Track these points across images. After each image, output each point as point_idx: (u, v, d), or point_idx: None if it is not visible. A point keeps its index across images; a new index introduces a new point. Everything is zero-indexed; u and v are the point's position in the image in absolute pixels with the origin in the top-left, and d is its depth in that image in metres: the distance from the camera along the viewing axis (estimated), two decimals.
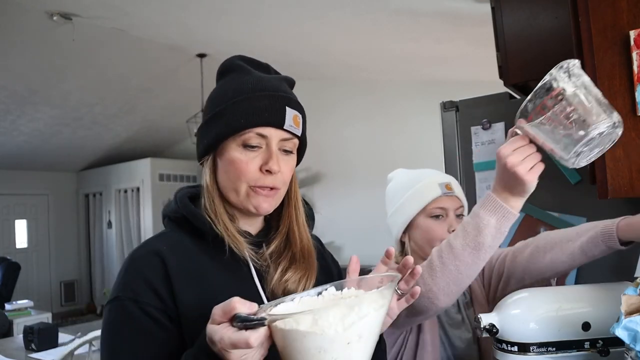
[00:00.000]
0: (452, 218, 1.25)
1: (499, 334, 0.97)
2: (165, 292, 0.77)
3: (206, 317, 0.71)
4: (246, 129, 0.81)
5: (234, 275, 0.84)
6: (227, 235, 0.83)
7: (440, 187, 1.25)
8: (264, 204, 0.84)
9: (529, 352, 0.93)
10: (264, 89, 0.84)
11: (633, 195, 0.99)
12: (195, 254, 0.83)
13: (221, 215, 0.84)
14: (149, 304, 0.75)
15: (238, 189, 0.83)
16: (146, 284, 0.77)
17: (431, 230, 1.24)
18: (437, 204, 1.24)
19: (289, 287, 0.85)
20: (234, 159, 0.83)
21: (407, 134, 5.43)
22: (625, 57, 0.98)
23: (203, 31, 4.37)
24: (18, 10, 3.78)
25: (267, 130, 0.82)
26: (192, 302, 0.77)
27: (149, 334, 0.75)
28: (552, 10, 1.59)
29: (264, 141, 0.83)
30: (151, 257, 0.80)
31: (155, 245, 0.83)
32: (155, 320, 0.75)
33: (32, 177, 7.74)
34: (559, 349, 0.92)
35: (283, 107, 0.83)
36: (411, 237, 1.28)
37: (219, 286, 0.81)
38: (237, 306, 0.61)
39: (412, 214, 1.25)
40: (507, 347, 0.96)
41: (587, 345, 0.91)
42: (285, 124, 0.83)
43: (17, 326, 4.10)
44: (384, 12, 3.49)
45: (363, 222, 5.69)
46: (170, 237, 0.86)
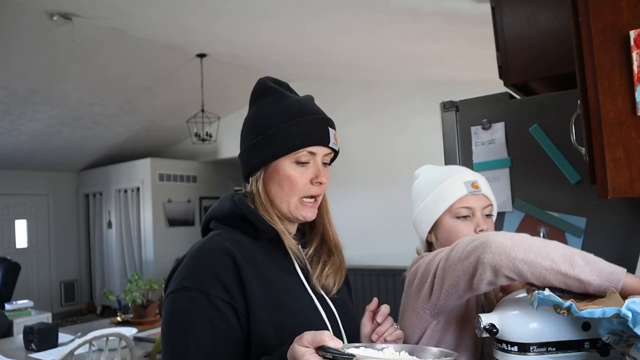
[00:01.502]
0: (479, 217, 1.20)
1: (499, 334, 0.97)
2: (234, 288, 0.85)
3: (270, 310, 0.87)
4: (300, 149, 0.95)
5: (284, 271, 0.96)
6: (282, 232, 0.96)
7: (465, 185, 1.20)
8: (310, 214, 0.99)
9: (529, 352, 0.93)
10: (310, 113, 0.99)
11: (633, 195, 0.99)
12: (254, 252, 0.93)
13: (274, 217, 0.97)
14: (217, 296, 0.83)
15: (290, 200, 0.97)
16: (216, 277, 0.84)
17: (457, 230, 1.19)
18: (462, 203, 1.19)
19: (328, 281, 1.00)
20: (289, 175, 0.96)
21: (407, 134, 5.43)
22: (625, 57, 0.98)
23: (203, 31, 4.37)
24: (18, 10, 3.78)
25: (316, 148, 0.97)
26: (258, 296, 0.86)
27: (215, 324, 0.82)
28: (552, 10, 1.59)
29: (313, 158, 0.98)
30: (221, 253, 0.88)
31: (221, 242, 0.91)
32: (222, 312, 0.82)
33: (32, 177, 7.74)
34: (559, 349, 0.92)
35: (327, 128, 0.98)
36: (437, 236, 1.23)
37: (275, 282, 0.92)
38: (327, 339, 0.69)
39: (438, 214, 1.21)
40: (507, 347, 0.96)
41: (587, 345, 0.91)
42: (330, 142, 0.98)
43: (17, 326, 4.10)
44: (384, 12, 3.49)
45: (363, 222, 5.69)
46: (228, 237, 0.94)
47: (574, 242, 1.49)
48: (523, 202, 1.58)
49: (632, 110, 0.98)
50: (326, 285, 0.99)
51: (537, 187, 1.56)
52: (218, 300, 0.82)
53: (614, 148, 0.99)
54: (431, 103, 2.71)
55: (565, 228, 1.51)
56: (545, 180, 1.55)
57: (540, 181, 1.56)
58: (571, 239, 1.50)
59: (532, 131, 1.57)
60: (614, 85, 0.99)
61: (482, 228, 1.18)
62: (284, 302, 0.91)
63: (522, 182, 1.58)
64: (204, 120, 5.67)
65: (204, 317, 0.81)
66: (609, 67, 1.00)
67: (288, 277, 0.96)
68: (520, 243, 0.90)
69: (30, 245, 7.76)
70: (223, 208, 0.99)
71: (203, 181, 7.65)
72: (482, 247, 0.92)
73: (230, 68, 5.46)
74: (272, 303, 0.88)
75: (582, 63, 1.04)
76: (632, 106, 0.98)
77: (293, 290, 0.95)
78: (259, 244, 0.96)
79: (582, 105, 1.05)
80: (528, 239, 0.92)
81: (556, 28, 1.57)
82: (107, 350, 2.52)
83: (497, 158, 1.62)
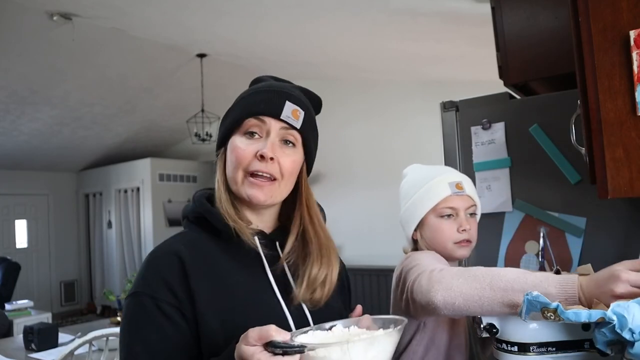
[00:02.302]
0: (463, 217, 1.24)
1: (499, 334, 0.97)
2: (181, 291, 0.80)
3: (222, 315, 0.80)
4: (246, 118, 0.88)
5: (250, 273, 0.88)
6: (239, 229, 0.86)
7: (450, 186, 1.24)
8: (258, 194, 0.87)
9: (529, 352, 0.93)
10: (268, 87, 0.91)
11: (633, 195, 0.99)
12: (213, 252, 0.87)
13: (226, 204, 0.88)
14: (164, 300, 0.80)
15: (236, 176, 0.87)
16: (163, 282, 0.81)
17: (441, 229, 1.23)
18: (446, 203, 1.23)
19: (317, 293, 0.88)
20: (234, 146, 0.88)
21: (407, 134, 5.43)
22: (625, 57, 0.98)
23: (203, 31, 4.37)
24: (18, 10, 3.78)
25: (266, 119, 0.87)
26: (209, 300, 0.81)
27: (162, 329, 0.79)
28: (552, 10, 1.59)
29: (264, 129, 0.88)
30: (169, 257, 0.84)
31: (173, 245, 0.87)
32: (169, 316, 0.79)
33: (32, 177, 7.74)
34: (559, 349, 0.92)
35: (282, 100, 0.88)
36: (422, 235, 1.27)
37: (235, 285, 0.85)
38: (273, 334, 0.65)
39: (423, 213, 1.25)
40: (507, 347, 0.96)
41: (587, 345, 0.91)
42: (283, 114, 0.87)
43: (17, 326, 4.10)
44: (384, 12, 3.49)
45: (363, 222, 5.69)
46: (188, 236, 0.90)
47: (574, 242, 1.49)
48: (523, 202, 1.58)
49: (632, 110, 0.98)
50: (314, 298, 0.88)
51: (537, 187, 1.56)
52: (166, 305, 0.79)
53: (614, 148, 0.99)
54: (431, 103, 2.71)
55: (565, 228, 1.51)
56: (545, 180, 1.55)
57: (540, 181, 1.56)
58: (571, 239, 1.50)
59: (532, 131, 1.57)
60: (614, 85, 0.99)
61: (464, 228, 1.23)
62: (240, 308, 0.83)
63: (522, 182, 1.58)
64: (204, 120, 5.67)
65: (152, 323, 0.79)
66: (609, 67, 1.00)
67: (255, 279, 0.87)
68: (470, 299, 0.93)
69: (30, 245, 7.76)
70: (189, 206, 0.95)
71: (203, 181, 7.64)
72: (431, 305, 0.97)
73: (230, 68, 5.46)
74: (227, 308, 0.82)
75: (582, 63, 1.04)
76: (632, 106, 0.98)
77: (257, 295, 0.86)
78: (226, 244, 0.88)
79: (582, 105, 1.05)
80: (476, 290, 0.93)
81: (556, 28, 1.57)
82: (107, 350, 2.52)
83: (497, 158, 1.62)
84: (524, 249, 1.56)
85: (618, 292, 0.80)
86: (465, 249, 1.25)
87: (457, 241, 1.23)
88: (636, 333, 0.72)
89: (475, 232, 1.27)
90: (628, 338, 0.72)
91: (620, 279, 0.81)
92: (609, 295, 0.81)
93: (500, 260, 1.59)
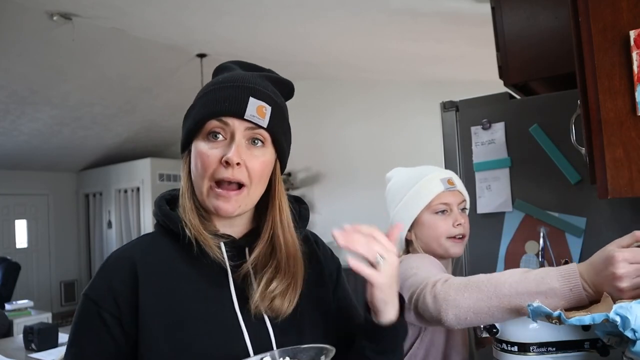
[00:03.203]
0: (456, 212, 1.27)
1: (499, 334, 0.97)
2: (126, 301, 0.76)
3: (168, 327, 0.75)
4: (208, 120, 0.79)
5: (211, 284, 0.80)
6: (198, 235, 0.79)
7: (442, 182, 1.26)
8: (226, 206, 0.79)
9: (529, 352, 0.93)
10: (230, 81, 0.82)
11: (633, 195, 0.99)
12: (171, 259, 0.81)
13: (191, 214, 0.81)
14: (106, 309, 0.76)
15: (202, 185, 0.80)
16: (110, 289, 0.77)
17: (437, 226, 1.25)
18: (440, 199, 1.25)
19: (275, 303, 0.80)
20: (198, 151, 0.80)
21: (407, 134, 5.43)
22: (625, 57, 0.98)
23: (203, 31, 4.37)
24: (18, 10, 3.78)
25: (228, 119, 0.79)
26: (155, 310, 0.76)
27: (99, 338, 0.77)
28: (552, 10, 1.59)
29: (228, 131, 0.79)
30: (122, 262, 0.80)
31: (130, 249, 0.82)
32: (108, 326, 0.76)
33: (32, 177, 7.74)
34: (559, 349, 0.92)
35: (246, 97, 0.79)
36: (417, 234, 1.29)
37: (189, 293, 0.79)
38: None
39: (417, 211, 1.26)
40: (507, 347, 0.96)
41: (587, 345, 0.91)
42: (247, 113, 0.78)
43: (17, 326, 4.10)
44: (384, 12, 3.48)
45: (363, 222, 5.65)
46: (150, 241, 0.84)
47: (574, 242, 1.49)
48: (523, 202, 1.58)
49: (632, 110, 0.98)
50: (273, 307, 0.80)
51: (537, 187, 1.56)
52: (107, 314, 0.76)
53: (614, 148, 0.99)
54: (431, 103, 2.71)
55: (565, 228, 1.51)
56: (545, 180, 1.55)
57: (540, 181, 1.56)
58: (571, 239, 1.50)
59: (532, 131, 1.57)
60: (614, 85, 0.99)
61: (459, 222, 1.25)
62: (190, 320, 0.77)
63: (522, 182, 1.58)
64: None
65: (91, 330, 0.77)
66: (609, 67, 1.00)
67: (214, 288, 0.80)
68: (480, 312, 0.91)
69: (30, 245, 7.75)
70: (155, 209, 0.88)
71: None
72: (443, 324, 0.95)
73: None
74: (174, 320, 0.76)
75: (582, 63, 1.04)
76: (632, 106, 0.98)
77: (213, 305, 0.79)
78: (185, 251, 0.80)
79: (582, 105, 1.05)
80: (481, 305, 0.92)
81: (556, 28, 1.57)
82: None
83: (497, 158, 1.62)
84: (524, 249, 1.56)
85: (620, 273, 0.79)
86: (459, 245, 1.27)
87: (452, 236, 1.25)
88: (638, 332, 0.72)
89: (468, 227, 1.29)
90: (630, 337, 0.73)
91: (616, 259, 0.80)
92: (611, 279, 0.80)
93: (500, 260, 1.59)
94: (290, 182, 6.21)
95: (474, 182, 1.65)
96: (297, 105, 5.55)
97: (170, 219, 0.82)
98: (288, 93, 0.91)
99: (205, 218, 0.82)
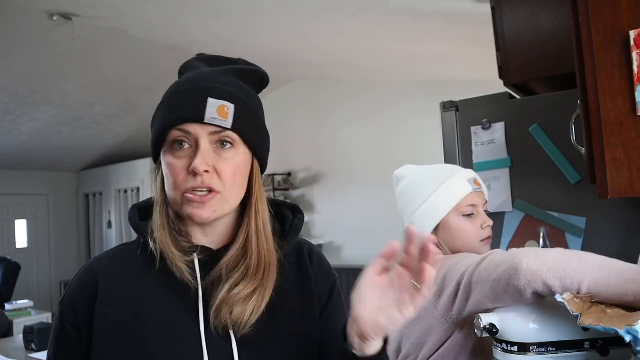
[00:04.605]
0: (483, 214, 1.20)
1: (499, 334, 0.97)
2: (85, 315, 0.75)
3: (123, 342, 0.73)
4: (168, 130, 0.75)
5: (176, 296, 0.76)
6: (163, 246, 0.76)
7: (470, 183, 1.19)
8: (200, 212, 0.74)
9: (529, 352, 0.93)
10: (187, 83, 0.76)
11: (633, 195, 0.99)
12: (138, 272, 0.78)
13: (161, 230, 0.77)
14: (69, 321, 0.77)
15: (175, 196, 0.75)
16: (73, 300, 0.77)
17: (466, 229, 1.18)
18: (468, 201, 1.18)
19: (236, 309, 0.73)
20: (166, 164, 0.76)
21: (407, 134, 5.43)
22: (625, 57, 0.98)
23: (203, 31, 4.37)
24: (18, 10, 3.78)
25: (189, 126, 0.73)
26: (110, 326, 0.74)
27: (66, 349, 0.78)
28: (552, 10, 1.59)
29: (191, 139, 0.74)
30: (87, 275, 0.79)
31: (98, 261, 0.80)
32: (71, 338, 0.77)
33: (32, 177, 7.74)
34: (559, 349, 0.92)
35: (204, 99, 0.73)
36: (441, 238, 1.20)
37: (151, 309, 0.75)
38: None
39: (443, 214, 1.18)
40: (507, 347, 0.96)
41: (587, 345, 0.91)
42: (206, 117, 0.73)
43: (17, 326, 4.11)
44: (384, 12, 3.48)
45: (363, 222, 5.69)
46: (119, 252, 0.83)
47: (574, 242, 1.49)
48: (523, 202, 1.58)
49: (632, 110, 0.98)
50: (234, 316, 0.73)
51: (537, 187, 1.56)
52: (69, 325, 0.76)
53: (614, 148, 0.99)
54: (431, 103, 2.72)
55: (565, 228, 1.51)
56: (545, 180, 1.55)
57: (540, 181, 1.56)
58: (571, 239, 1.50)
59: (532, 131, 1.57)
60: (614, 85, 0.99)
61: (488, 224, 1.19)
62: (148, 338, 0.73)
63: (522, 182, 1.58)
64: None
65: (57, 338, 0.78)
66: (609, 67, 1.00)
67: (179, 304, 0.76)
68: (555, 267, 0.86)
69: (30, 245, 7.75)
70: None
71: None
72: (513, 272, 0.88)
73: None
74: (131, 337, 0.73)
75: (582, 63, 1.04)
76: (632, 106, 0.98)
77: (174, 324, 0.74)
78: (159, 263, 0.76)
79: (582, 105, 1.05)
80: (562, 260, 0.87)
81: (556, 28, 1.57)
82: None
83: (497, 158, 1.62)
84: None
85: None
86: (488, 246, 1.21)
87: (483, 238, 1.19)
88: None
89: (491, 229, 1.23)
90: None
91: None
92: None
93: None
94: (290, 182, 6.22)
95: None
96: (297, 105, 5.64)
97: (138, 230, 0.79)
98: (260, 83, 0.84)
99: (178, 232, 0.78)
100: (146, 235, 0.78)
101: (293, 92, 6.31)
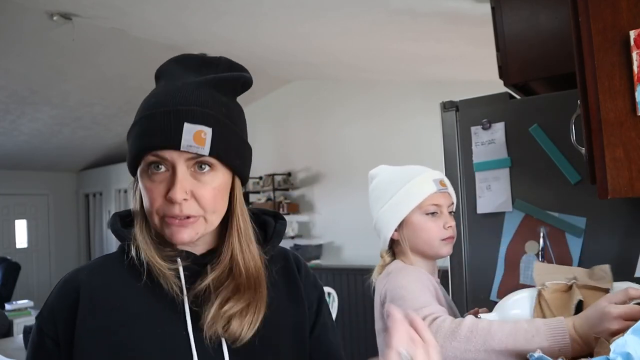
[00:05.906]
0: (447, 214, 1.25)
1: None
2: (62, 327, 0.74)
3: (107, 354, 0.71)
4: (144, 154, 0.72)
5: (163, 305, 0.75)
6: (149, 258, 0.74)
7: (435, 183, 1.24)
8: (181, 235, 0.73)
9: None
10: (164, 104, 0.72)
11: (633, 195, 0.99)
12: (122, 282, 0.76)
13: (143, 244, 0.75)
14: (48, 335, 0.74)
15: (153, 219, 0.74)
16: (53, 313, 0.75)
17: (427, 227, 1.23)
18: (432, 200, 1.23)
19: (233, 325, 0.73)
20: (144, 186, 0.74)
21: (407, 134, 5.43)
22: (625, 57, 0.98)
23: (203, 31, 4.37)
24: (18, 10, 3.78)
25: (165, 152, 0.71)
26: (93, 337, 0.72)
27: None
28: (552, 10, 1.59)
29: (168, 164, 0.72)
30: (67, 287, 0.76)
31: (80, 272, 0.78)
32: (50, 353, 0.74)
33: (32, 177, 7.74)
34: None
35: (179, 124, 0.70)
36: (404, 234, 1.26)
37: (137, 319, 0.74)
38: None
39: (407, 211, 1.23)
40: None
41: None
42: (182, 144, 0.70)
43: (17, 326, 4.10)
44: (384, 12, 3.48)
45: (363, 222, 5.66)
46: (102, 262, 0.81)
47: (574, 242, 1.49)
48: (523, 202, 1.58)
49: (632, 110, 0.98)
50: (230, 331, 0.72)
51: (537, 187, 1.56)
52: (47, 339, 0.74)
53: (614, 148, 0.99)
54: (431, 103, 2.71)
55: (565, 228, 1.51)
56: (545, 180, 1.55)
57: (540, 181, 1.56)
58: (571, 239, 1.50)
59: (532, 131, 1.56)
60: (614, 85, 0.99)
61: (450, 224, 1.24)
62: (134, 350, 0.72)
63: (522, 182, 1.58)
64: None
65: (35, 352, 0.76)
66: (609, 67, 1.00)
67: (167, 313, 0.74)
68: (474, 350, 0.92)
69: (30, 245, 7.76)
70: None
71: None
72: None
73: None
74: (116, 349, 0.71)
75: (582, 63, 1.04)
76: (632, 106, 0.98)
77: (162, 334, 0.73)
78: (144, 272, 0.75)
79: (582, 105, 1.05)
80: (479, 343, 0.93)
81: (556, 28, 1.57)
82: None
83: (497, 158, 1.62)
84: (524, 249, 1.56)
85: (614, 329, 0.83)
86: (450, 245, 1.26)
87: (444, 237, 1.23)
88: None
89: (455, 229, 1.28)
90: None
91: (611, 315, 0.84)
92: (605, 335, 0.83)
93: (500, 260, 1.59)
94: (290, 182, 6.22)
95: (474, 182, 1.65)
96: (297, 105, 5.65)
97: (121, 237, 0.78)
98: (242, 85, 0.80)
99: (161, 243, 0.77)
100: (129, 242, 0.76)
101: (293, 92, 6.31)
